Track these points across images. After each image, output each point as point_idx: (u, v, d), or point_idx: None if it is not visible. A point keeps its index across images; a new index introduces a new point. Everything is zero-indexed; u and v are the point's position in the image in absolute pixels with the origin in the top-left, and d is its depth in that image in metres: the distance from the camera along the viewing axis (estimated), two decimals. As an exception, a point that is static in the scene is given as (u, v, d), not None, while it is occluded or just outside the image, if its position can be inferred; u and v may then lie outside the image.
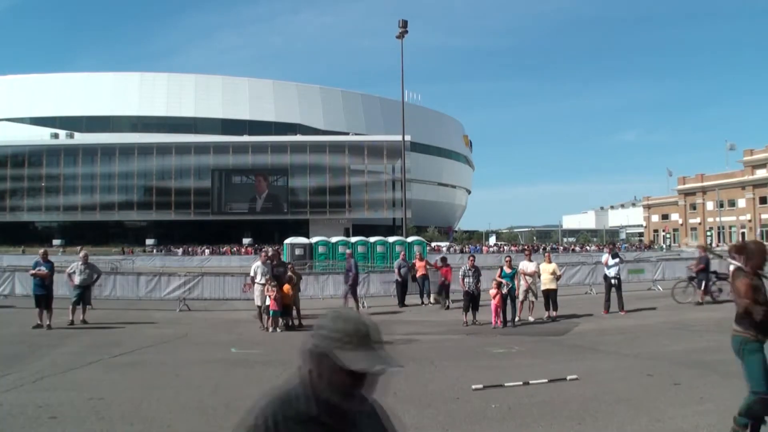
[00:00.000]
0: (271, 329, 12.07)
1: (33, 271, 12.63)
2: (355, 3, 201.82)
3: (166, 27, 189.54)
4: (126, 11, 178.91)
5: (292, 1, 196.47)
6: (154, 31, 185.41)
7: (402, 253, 20.58)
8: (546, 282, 13.43)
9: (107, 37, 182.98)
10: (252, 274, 13.00)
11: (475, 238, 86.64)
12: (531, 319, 13.15)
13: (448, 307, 15.57)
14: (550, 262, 13.92)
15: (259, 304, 12.54)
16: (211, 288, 16.99)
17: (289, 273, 13.38)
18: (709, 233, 72.17)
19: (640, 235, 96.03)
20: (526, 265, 13.56)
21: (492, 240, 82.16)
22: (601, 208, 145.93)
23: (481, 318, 12.85)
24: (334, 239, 31.09)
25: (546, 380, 7.07)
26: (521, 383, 6.93)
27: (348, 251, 18.71)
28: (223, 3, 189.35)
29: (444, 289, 15.99)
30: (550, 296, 13.36)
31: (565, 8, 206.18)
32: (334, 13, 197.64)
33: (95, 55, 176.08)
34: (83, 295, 13.03)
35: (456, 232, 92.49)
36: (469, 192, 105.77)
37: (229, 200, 72.28)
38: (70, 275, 13.20)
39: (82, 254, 13.76)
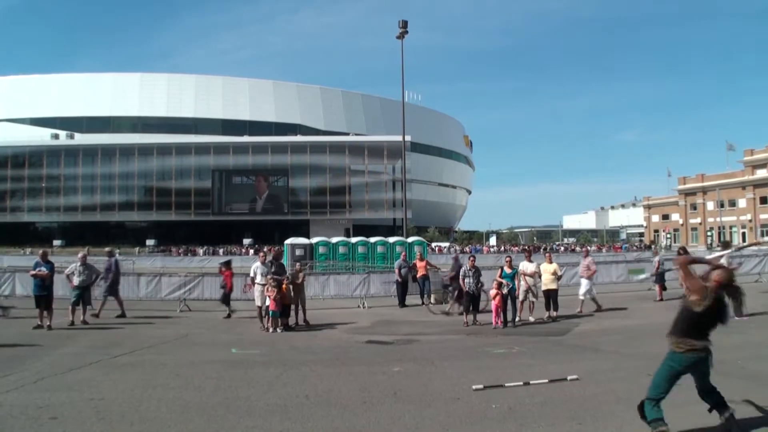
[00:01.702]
0: (271, 329, 12.09)
1: (33, 272, 12.66)
2: (355, 3, 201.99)
3: (166, 27, 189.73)
4: (126, 12, 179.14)
5: (292, 1, 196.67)
6: (154, 31, 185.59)
7: (402, 253, 20.58)
8: (547, 282, 13.44)
9: (107, 38, 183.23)
10: (252, 274, 13.05)
11: (475, 238, 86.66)
12: (531, 319, 13.16)
13: (229, 315, 14.34)
14: (551, 262, 13.93)
15: (259, 304, 12.58)
16: (211, 288, 17.00)
17: (298, 272, 13.46)
18: (709, 233, 72.13)
19: (641, 235, 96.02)
20: (526, 266, 13.58)
21: (492, 240, 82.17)
22: (602, 208, 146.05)
23: (481, 318, 12.86)
24: (334, 239, 31.10)
25: (546, 380, 7.07)
26: (521, 383, 6.94)
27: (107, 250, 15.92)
28: (223, 3, 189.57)
29: (226, 297, 14.75)
30: (550, 296, 13.37)
31: (565, 8, 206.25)
32: (334, 12, 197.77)
33: (95, 55, 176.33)
34: (83, 296, 13.07)
35: (456, 232, 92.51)
36: (469, 192, 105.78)
37: (230, 201, 72.29)
38: (68, 276, 13.23)
39: (80, 255, 13.78)
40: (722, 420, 5.07)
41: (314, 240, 30.80)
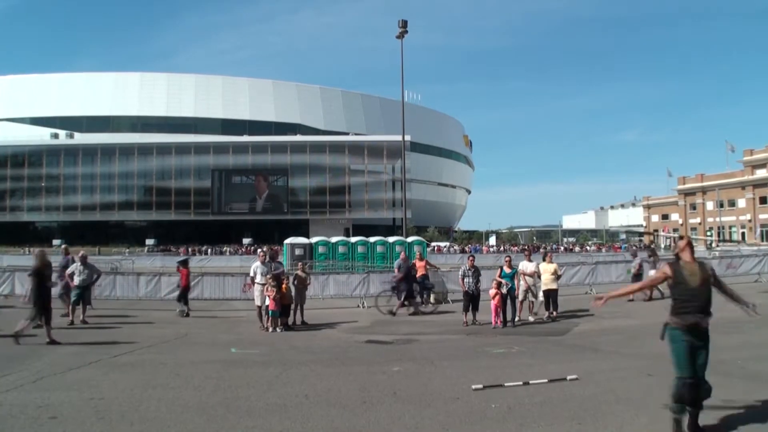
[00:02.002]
0: (270, 329, 12.08)
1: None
2: (355, 3, 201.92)
3: (165, 27, 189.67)
4: (126, 11, 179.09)
5: (292, 1, 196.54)
6: (153, 31, 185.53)
7: (402, 252, 20.55)
8: (547, 282, 13.43)
9: (107, 38, 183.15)
10: (252, 274, 13.05)
11: (475, 238, 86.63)
12: (531, 319, 13.16)
13: (187, 314, 14.31)
14: (550, 262, 13.92)
15: (259, 304, 12.58)
16: (211, 288, 17.00)
17: (299, 272, 13.48)
18: (709, 233, 72.15)
19: (640, 235, 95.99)
20: (525, 266, 13.57)
21: (492, 240, 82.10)
22: (601, 208, 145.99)
23: (481, 318, 12.86)
24: (334, 239, 31.08)
25: (546, 380, 7.07)
26: (521, 383, 6.94)
27: None
28: (222, 3, 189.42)
29: (183, 297, 14.70)
30: (550, 296, 13.37)
31: (565, 8, 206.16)
32: (334, 12, 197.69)
33: (95, 55, 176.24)
34: (83, 296, 13.04)
35: (456, 232, 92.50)
36: (469, 192, 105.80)
37: (229, 200, 72.27)
38: (69, 276, 13.21)
39: (80, 254, 13.75)
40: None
41: (314, 240, 30.78)
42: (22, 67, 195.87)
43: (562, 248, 66.69)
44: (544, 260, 14.06)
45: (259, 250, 16.42)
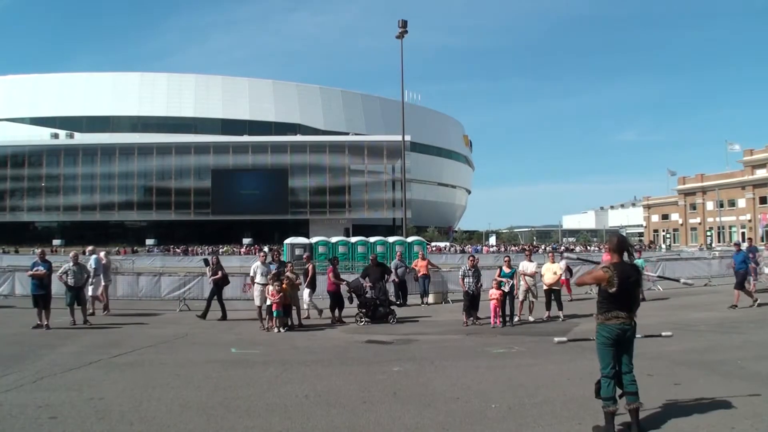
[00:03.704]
0: (275, 329, 12.05)
1: (30, 272, 12.62)
2: (355, 3, 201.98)
3: (164, 27, 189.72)
4: (125, 11, 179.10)
5: (291, 1, 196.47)
6: (152, 31, 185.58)
7: (398, 252, 20.57)
8: (549, 282, 13.38)
9: (107, 37, 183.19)
10: (252, 274, 13.03)
11: (475, 238, 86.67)
12: (531, 318, 13.15)
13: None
14: (554, 261, 13.88)
15: (258, 304, 12.55)
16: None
17: (287, 273, 13.41)
18: (709, 233, 72.13)
19: (640, 235, 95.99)
20: (526, 266, 13.55)
21: (492, 240, 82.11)
22: (601, 208, 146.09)
23: (480, 318, 12.85)
24: (334, 239, 31.14)
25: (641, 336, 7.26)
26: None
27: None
28: (221, 3, 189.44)
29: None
30: (553, 295, 13.33)
31: (565, 7, 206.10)
32: (334, 12, 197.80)
33: (95, 55, 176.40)
34: (77, 296, 12.93)
35: (456, 232, 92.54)
36: (469, 192, 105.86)
37: (229, 200, 72.27)
38: (61, 276, 13.10)
39: (72, 254, 13.66)
40: (626, 408, 5.28)
41: (314, 240, 30.83)
42: (21, 67, 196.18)
43: (562, 248, 66.66)
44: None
45: (261, 251, 16.37)
